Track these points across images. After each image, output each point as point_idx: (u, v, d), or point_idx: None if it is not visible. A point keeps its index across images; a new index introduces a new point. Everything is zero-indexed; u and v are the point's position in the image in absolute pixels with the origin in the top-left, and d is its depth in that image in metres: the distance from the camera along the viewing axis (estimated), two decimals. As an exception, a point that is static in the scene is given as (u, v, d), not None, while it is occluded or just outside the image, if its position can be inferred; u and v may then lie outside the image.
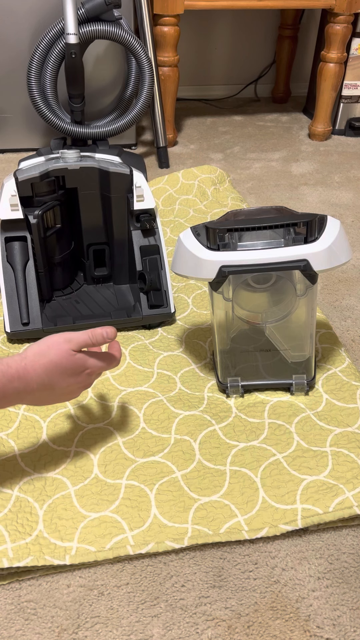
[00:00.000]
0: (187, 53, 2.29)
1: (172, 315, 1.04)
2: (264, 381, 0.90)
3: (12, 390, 0.65)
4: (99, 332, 0.71)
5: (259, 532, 0.71)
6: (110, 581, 0.68)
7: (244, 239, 0.79)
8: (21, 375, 0.65)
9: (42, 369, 0.67)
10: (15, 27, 1.59)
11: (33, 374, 0.66)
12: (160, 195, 1.47)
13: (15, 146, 1.82)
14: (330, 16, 1.80)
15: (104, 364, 0.73)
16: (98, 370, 0.73)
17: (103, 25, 1.41)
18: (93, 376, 0.73)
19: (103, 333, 0.71)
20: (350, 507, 0.73)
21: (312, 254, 0.76)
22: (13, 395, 0.65)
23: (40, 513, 0.72)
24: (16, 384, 0.65)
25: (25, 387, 0.66)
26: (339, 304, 1.16)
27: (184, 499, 0.75)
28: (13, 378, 0.65)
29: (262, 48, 2.36)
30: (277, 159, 1.88)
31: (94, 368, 0.72)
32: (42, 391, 0.68)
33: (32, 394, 0.67)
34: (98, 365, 0.72)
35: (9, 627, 0.63)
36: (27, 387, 0.66)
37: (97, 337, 0.71)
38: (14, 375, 0.65)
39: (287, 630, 0.63)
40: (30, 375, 0.66)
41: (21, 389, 0.66)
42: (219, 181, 1.52)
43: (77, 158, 1.00)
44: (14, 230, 0.99)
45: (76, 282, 1.13)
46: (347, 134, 2.07)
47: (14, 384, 0.65)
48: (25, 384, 0.66)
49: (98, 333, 0.71)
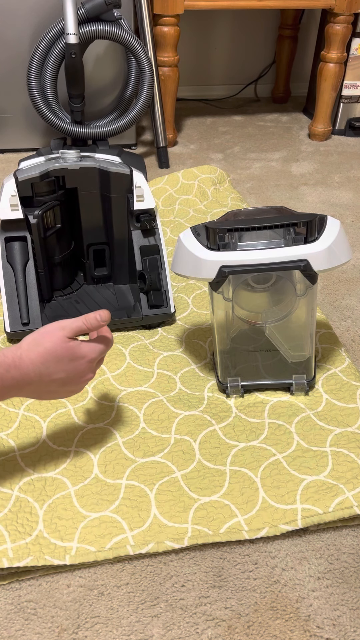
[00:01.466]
0: (187, 53, 2.29)
1: (172, 315, 1.04)
2: (264, 381, 0.90)
3: (10, 380, 0.65)
4: (92, 316, 0.70)
5: (259, 532, 0.71)
6: (110, 581, 0.68)
7: (244, 239, 0.79)
8: (17, 364, 0.65)
9: (37, 357, 0.66)
10: (15, 27, 1.59)
11: (28, 362, 0.66)
12: (160, 195, 1.47)
13: (15, 146, 1.82)
14: (330, 16, 1.80)
15: (101, 346, 0.72)
16: (96, 355, 0.72)
17: (103, 25, 1.41)
18: (94, 363, 0.72)
19: (97, 317, 0.70)
20: (350, 507, 0.73)
21: (312, 254, 0.76)
22: (12, 385, 0.65)
23: (40, 513, 0.72)
24: (13, 373, 0.65)
25: (23, 376, 0.66)
26: (339, 304, 1.16)
27: (184, 499, 0.75)
28: (10, 367, 0.65)
29: (262, 48, 2.36)
30: (277, 159, 1.88)
31: (90, 353, 0.71)
32: (40, 381, 0.67)
33: (31, 385, 0.67)
34: (95, 349, 0.71)
35: (9, 627, 0.63)
36: (25, 376, 0.66)
37: (92, 321, 0.70)
38: (10, 364, 0.65)
39: (287, 630, 0.63)
40: (25, 363, 0.66)
41: (19, 378, 0.65)
42: (219, 181, 1.52)
43: (77, 158, 1.00)
44: (14, 230, 0.99)
45: (76, 282, 1.13)
46: (347, 134, 2.07)
47: (11, 373, 0.65)
48: (22, 374, 0.66)
49: (92, 317, 0.70)
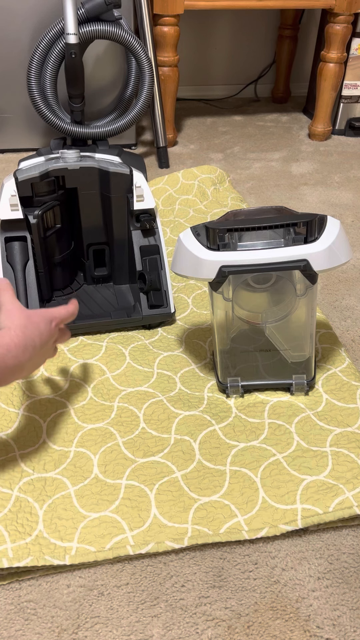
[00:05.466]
0: (187, 53, 2.29)
1: (172, 315, 1.04)
2: (264, 381, 0.90)
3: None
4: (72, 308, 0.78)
5: (259, 532, 0.71)
6: (110, 581, 0.68)
7: (244, 239, 0.79)
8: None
9: (17, 326, 0.68)
10: (15, 27, 1.59)
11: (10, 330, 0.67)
12: (160, 195, 1.47)
13: (15, 146, 1.82)
14: (330, 16, 1.80)
15: (65, 311, 0.76)
16: (62, 317, 0.76)
17: (103, 25, 1.41)
18: (60, 331, 0.77)
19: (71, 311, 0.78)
20: (350, 507, 0.73)
21: (312, 254, 0.76)
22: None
23: (40, 513, 0.72)
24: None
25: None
26: (339, 304, 1.16)
27: (184, 499, 0.75)
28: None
29: (262, 48, 2.37)
30: (277, 159, 1.88)
31: (58, 316, 0.75)
32: (18, 347, 0.67)
33: (11, 352, 0.66)
34: (61, 313, 0.76)
35: (9, 627, 0.63)
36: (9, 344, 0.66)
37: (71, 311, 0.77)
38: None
39: (287, 630, 0.63)
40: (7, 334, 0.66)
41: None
42: (219, 181, 1.52)
43: (77, 158, 1.00)
44: (14, 230, 0.99)
45: (76, 282, 1.13)
46: (347, 134, 2.07)
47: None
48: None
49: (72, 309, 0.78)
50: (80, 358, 0.96)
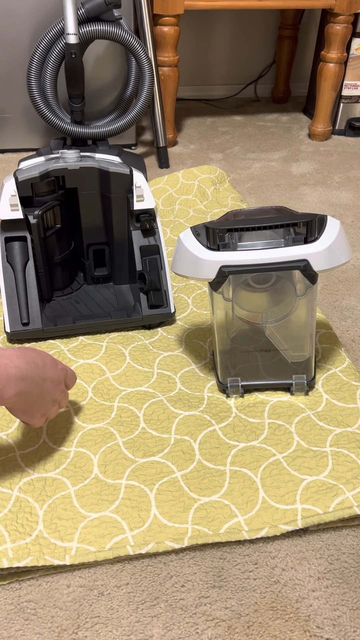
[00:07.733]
0: (187, 53, 2.29)
1: (172, 315, 1.04)
2: (264, 381, 0.90)
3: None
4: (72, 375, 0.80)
5: (259, 532, 0.71)
6: (110, 581, 0.68)
7: (244, 239, 0.79)
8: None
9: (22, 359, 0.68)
10: (15, 27, 1.60)
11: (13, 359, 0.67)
12: (160, 195, 1.47)
13: (15, 146, 1.82)
14: (330, 16, 1.80)
15: (70, 369, 0.80)
16: (66, 367, 0.79)
17: (103, 25, 1.41)
18: (63, 379, 0.77)
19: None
20: (350, 507, 0.73)
21: (312, 254, 0.76)
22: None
23: (40, 513, 0.72)
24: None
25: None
26: (339, 304, 1.16)
27: (184, 499, 0.75)
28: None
29: (262, 48, 2.37)
30: (277, 159, 1.88)
31: (61, 364, 0.77)
32: (27, 379, 0.67)
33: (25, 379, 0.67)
34: (64, 365, 0.78)
35: (9, 627, 0.63)
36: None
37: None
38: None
39: (287, 631, 0.63)
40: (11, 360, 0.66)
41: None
42: (219, 181, 1.52)
43: (77, 158, 1.00)
44: (14, 230, 0.99)
45: (76, 282, 1.13)
46: (347, 134, 2.07)
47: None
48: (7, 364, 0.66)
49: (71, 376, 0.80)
50: (80, 358, 0.96)
